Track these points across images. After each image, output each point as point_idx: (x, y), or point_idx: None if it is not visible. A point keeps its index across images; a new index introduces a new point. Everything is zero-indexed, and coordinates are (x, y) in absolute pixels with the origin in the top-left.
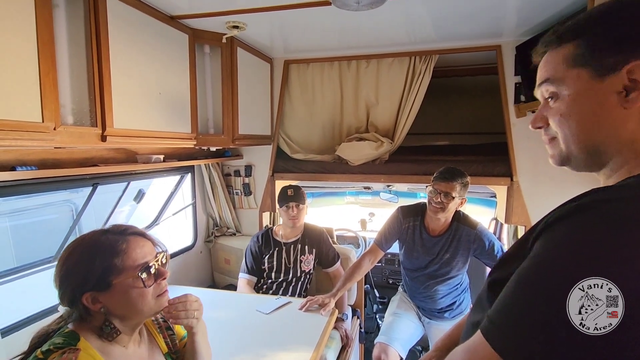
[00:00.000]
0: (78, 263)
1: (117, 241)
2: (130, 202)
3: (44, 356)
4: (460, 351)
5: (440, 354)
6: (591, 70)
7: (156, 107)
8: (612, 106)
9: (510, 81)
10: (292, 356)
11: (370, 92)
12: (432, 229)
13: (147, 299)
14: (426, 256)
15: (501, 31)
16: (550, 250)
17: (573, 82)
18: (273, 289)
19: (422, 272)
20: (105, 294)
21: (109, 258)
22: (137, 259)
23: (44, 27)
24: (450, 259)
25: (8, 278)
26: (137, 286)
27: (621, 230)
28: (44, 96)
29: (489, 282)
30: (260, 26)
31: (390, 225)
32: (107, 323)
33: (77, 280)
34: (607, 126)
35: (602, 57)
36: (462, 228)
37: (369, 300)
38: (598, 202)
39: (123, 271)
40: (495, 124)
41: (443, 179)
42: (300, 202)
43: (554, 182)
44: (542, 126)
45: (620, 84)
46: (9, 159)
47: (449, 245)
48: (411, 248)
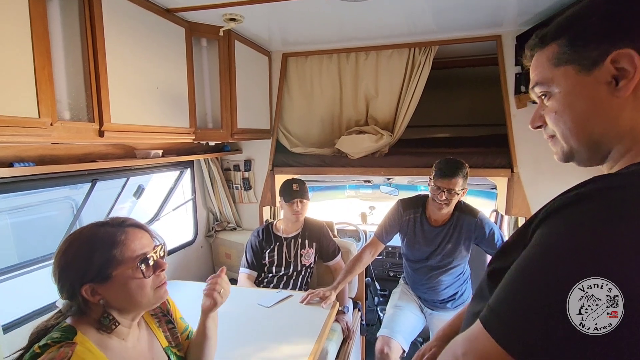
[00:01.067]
0: (77, 255)
1: (116, 233)
2: (130, 198)
3: (41, 350)
4: (461, 341)
5: (441, 344)
6: (577, 66)
7: (154, 101)
8: (603, 97)
9: (510, 72)
10: (294, 348)
11: (370, 85)
12: (434, 220)
13: (146, 290)
14: (428, 247)
15: (501, 21)
16: (550, 244)
17: (561, 80)
18: (274, 283)
19: (425, 263)
20: (104, 286)
21: (108, 250)
22: (135, 250)
23: (38, 20)
24: (453, 249)
25: (10, 275)
26: (137, 277)
27: (622, 224)
28: (40, 91)
29: (489, 271)
30: (257, 18)
31: (390, 218)
32: (106, 315)
33: (76, 272)
34: (602, 118)
35: (585, 52)
36: (463, 217)
37: (370, 293)
38: (600, 190)
39: (122, 262)
40: (496, 115)
41: (445, 176)
42: (305, 198)
43: (555, 173)
44: (541, 125)
45: (608, 74)
46: (6, 156)
47: (451, 235)
48: (413, 240)
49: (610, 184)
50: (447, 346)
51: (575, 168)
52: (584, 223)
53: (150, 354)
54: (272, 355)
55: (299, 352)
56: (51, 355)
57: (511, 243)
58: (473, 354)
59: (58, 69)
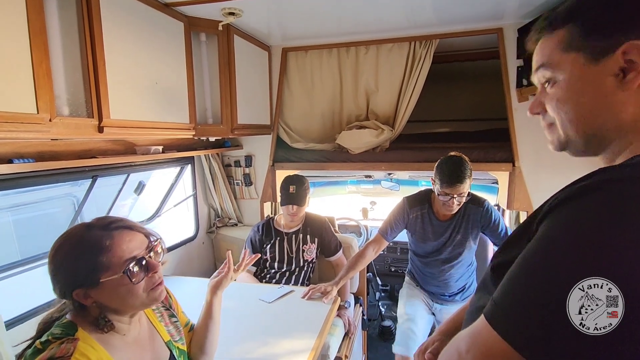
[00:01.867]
0: (64, 261)
1: (102, 237)
2: (131, 194)
3: (42, 347)
4: (464, 336)
5: (444, 338)
6: (586, 54)
7: (153, 97)
8: (609, 89)
9: (512, 65)
10: (296, 343)
11: (370, 79)
12: (442, 215)
13: (138, 294)
14: (439, 241)
15: (502, 13)
16: (553, 240)
17: (568, 67)
18: (276, 279)
19: (436, 257)
20: (95, 290)
21: (95, 256)
22: (123, 255)
23: (35, 14)
24: (463, 240)
25: (12, 271)
26: (125, 283)
27: (624, 221)
28: (38, 87)
29: (493, 265)
30: (256, 12)
31: (396, 216)
32: (102, 316)
33: (65, 278)
34: (605, 110)
35: (596, 40)
36: (470, 207)
37: (372, 288)
38: (606, 182)
39: (109, 268)
40: (497, 109)
41: (452, 185)
42: (299, 204)
43: (556, 167)
44: (539, 112)
45: (616, 66)
46: (5, 152)
47: (459, 227)
48: (422, 236)
49: (616, 175)
50: (451, 341)
51: (577, 162)
52: (586, 219)
53: (152, 348)
54: (275, 350)
55: (301, 346)
56: (52, 351)
57: (515, 236)
58: (477, 349)
59: (56, 64)
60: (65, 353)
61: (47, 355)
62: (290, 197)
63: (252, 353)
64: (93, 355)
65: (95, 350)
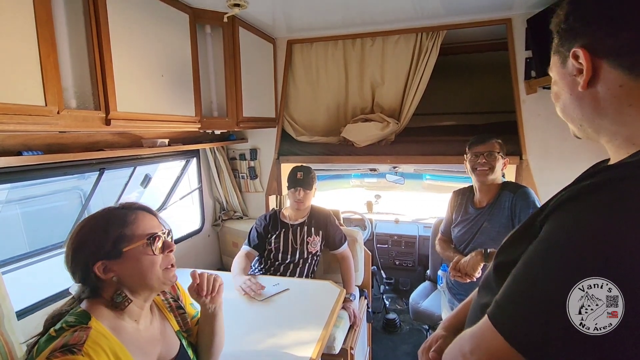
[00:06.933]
0: (89, 234)
1: (127, 214)
2: (138, 187)
3: (56, 334)
4: (468, 337)
5: (448, 334)
6: (558, 57)
7: (159, 89)
8: (575, 89)
9: (520, 56)
10: (303, 335)
11: (376, 72)
12: (479, 201)
13: (156, 268)
14: (472, 229)
15: (511, 3)
16: (554, 241)
17: (553, 68)
18: (280, 271)
19: (470, 247)
20: (116, 262)
21: (119, 228)
22: (145, 229)
23: (41, 7)
24: (491, 229)
25: (22, 263)
26: (147, 253)
27: (624, 222)
28: (46, 79)
29: (496, 264)
30: (261, 3)
31: (447, 210)
32: (119, 292)
33: (89, 250)
34: (584, 106)
35: (561, 45)
36: (504, 194)
37: (376, 281)
38: (608, 181)
39: (133, 239)
40: (504, 102)
41: (480, 142)
42: (306, 188)
43: (564, 159)
44: None
45: (574, 69)
46: (14, 144)
47: (490, 214)
48: (458, 224)
49: (617, 174)
50: (454, 341)
51: (585, 154)
52: (587, 220)
53: (163, 337)
54: (282, 341)
55: (308, 338)
56: (66, 339)
57: (518, 236)
58: (480, 350)
59: (63, 57)
60: (79, 341)
61: (60, 343)
62: (298, 182)
63: (260, 344)
64: (105, 344)
65: (107, 339)
